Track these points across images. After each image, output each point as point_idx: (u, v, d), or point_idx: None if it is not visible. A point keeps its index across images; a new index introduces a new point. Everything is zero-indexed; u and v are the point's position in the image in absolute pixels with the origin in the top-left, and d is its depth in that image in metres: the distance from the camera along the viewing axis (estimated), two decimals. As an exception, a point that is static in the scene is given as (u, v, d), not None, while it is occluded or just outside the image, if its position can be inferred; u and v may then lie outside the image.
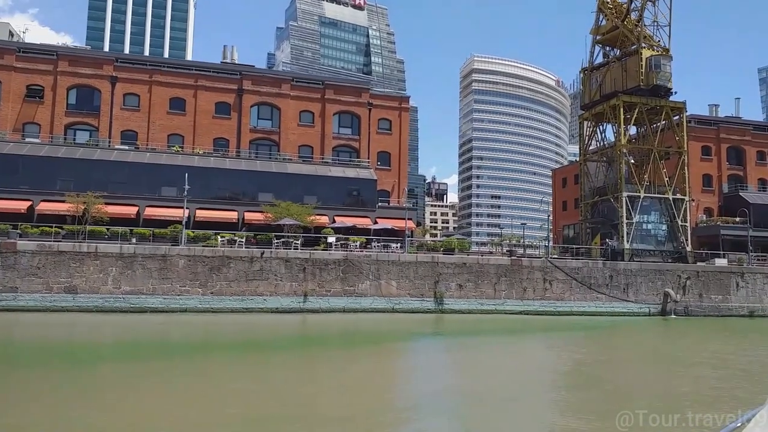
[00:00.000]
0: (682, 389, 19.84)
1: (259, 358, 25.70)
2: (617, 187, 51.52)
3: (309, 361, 25.45)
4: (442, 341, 34.30)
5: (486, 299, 43.26)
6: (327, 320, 38.52)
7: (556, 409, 17.61)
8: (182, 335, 32.80)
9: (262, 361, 24.88)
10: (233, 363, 24.28)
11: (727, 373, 23.08)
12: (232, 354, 26.67)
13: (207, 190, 49.70)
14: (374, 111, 58.81)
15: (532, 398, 19.06)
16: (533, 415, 17.02)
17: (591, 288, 44.97)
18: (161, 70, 54.25)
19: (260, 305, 38.55)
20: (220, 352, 27.07)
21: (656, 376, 23.00)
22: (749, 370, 24.09)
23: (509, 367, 24.89)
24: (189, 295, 37.67)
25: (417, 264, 42.41)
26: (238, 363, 24.29)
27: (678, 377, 22.06)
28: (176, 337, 32.16)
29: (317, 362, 24.94)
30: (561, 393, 20.19)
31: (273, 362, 24.68)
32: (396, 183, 58.85)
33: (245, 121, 55.39)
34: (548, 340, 35.13)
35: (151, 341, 29.91)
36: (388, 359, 26.18)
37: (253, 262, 38.91)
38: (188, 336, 32.56)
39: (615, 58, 54.56)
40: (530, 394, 19.74)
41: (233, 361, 24.78)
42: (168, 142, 53.35)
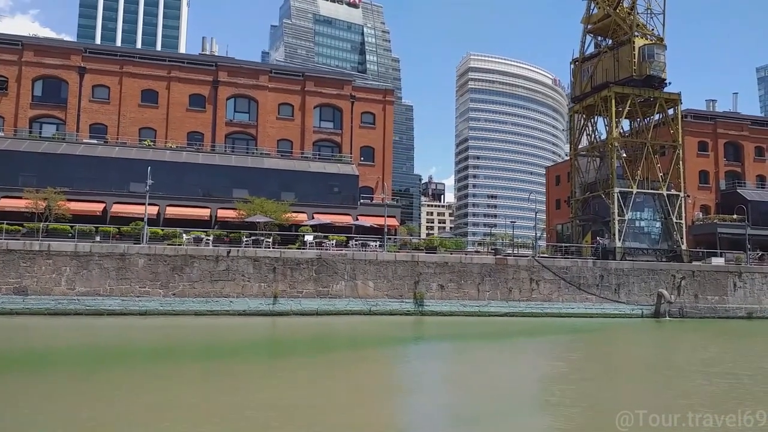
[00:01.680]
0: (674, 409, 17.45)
1: (220, 366, 23.14)
2: (609, 182, 49.14)
3: (276, 370, 22.89)
4: (422, 347, 31.76)
5: (469, 300, 40.89)
6: (298, 323, 36.07)
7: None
8: (140, 340, 30.29)
9: (224, 370, 22.35)
10: (190, 372, 21.89)
11: (727, 385, 20.64)
12: (190, 361, 24.26)
13: (178, 186, 47.43)
14: (357, 104, 56.50)
15: (524, 417, 16.87)
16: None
17: (580, 288, 42.60)
18: (133, 61, 51.90)
19: (226, 307, 36.15)
20: (177, 360, 24.64)
21: (644, 390, 20.57)
22: (752, 386, 21.58)
23: (496, 378, 22.42)
24: (149, 296, 35.25)
25: (396, 263, 40.02)
26: (196, 372, 21.87)
27: (669, 395, 19.57)
28: (133, 342, 29.65)
29: (285, 372, 22.43)
30: (555, 410, 17.98)
31: (236, 372, 22.20)
32: (380, 179, 56.53)
33: (221, 114, 53.05)
34: (534, 345, 32.71)
35: (106, 347, 27.44)
36: (364, 369, 23.63)
37: (219, 262, 36.50)
38: (146, 341, 30.06)
39: (607, 47, 52.13)
40: (522, 411, 17.46)
41: (190, 369, 22.37)
42: (139, 136, 51.03)
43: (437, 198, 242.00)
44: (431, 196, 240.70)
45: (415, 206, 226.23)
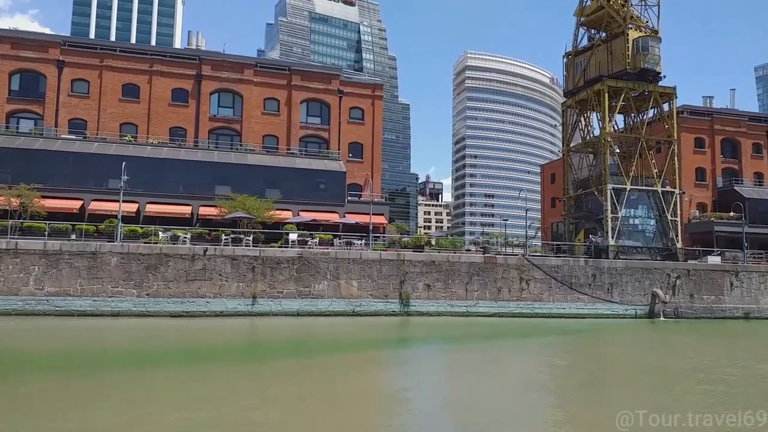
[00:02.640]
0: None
1: (193, 372, 21.69)
2: (602, 179, 47.74)
3: (254, 375, 21.50)
4: (407, 350, 30.29)
5: (457, 300, 39.54)
6: (278, 325, 34.71)
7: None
8: (112, 343, 28.90)
9: (199, 375, 20.96)
10: (162, 378, 20.45)
11: (722, 393, 19.25)
12: (164, 367, 22.81)
13: (159, 183, 46.08)
14: (345, 99, 55.09)
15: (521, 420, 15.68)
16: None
17: (572, 288, 41.26)
18: (113, 55, 50.42)
19: (202, 308, 34.76)
20: (150, 365, 23.21)
21: (637, 396, 19.24)
22: (748, 391, 20.23)
23: (487, 380, 21.13)
24: (122, 296, 33.85)
25: (381, 262, 38.65)
26: (169, 378, 20.43)
27: (664, 399, 18.21)
28: (105, 346, 28.26)
29: (263, 377, 21.03)
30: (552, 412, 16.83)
31: (213, 376, 20.85)
32: (368, 176, 55.11)
33: (204, 109, 51.60)
34: (523, 347, 31.31)
35: (75, 350, 26.01)
36: (345, 375, 22.19)
37: (195, 261, 35.10)
38: (118, 344, 28.66)
39: (600, 40, 50.68)
40: (517, 415, 16.25)
41: (164, 376, 20.92)
42: (120, 132, 49.56)
43: (435, 197, 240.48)
44: (429, 196, 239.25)
45: (411, 205, 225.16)
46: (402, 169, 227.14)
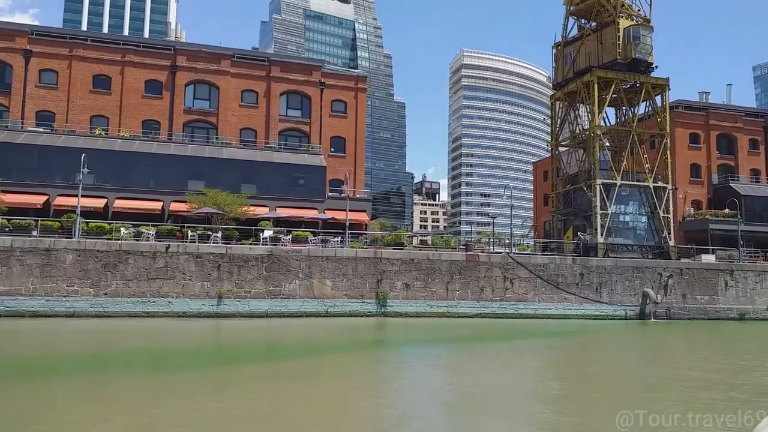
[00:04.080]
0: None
1: (151, 379, 19.65)
2: (591, 174, 45.77)
3: (218, 382, 19.47)
4: (385, 353, 28.20)
5: (437, 300, 37.57)
6: (246, 327, 32.67)
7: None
8: (66, 346, 26.77)
9: (157, 383, 19.02)
10: (115, 386, 18.56)
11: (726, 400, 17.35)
12: (123, 372, 20.85)
13: (128, 178, 44.23)
14: (327, 91, 53.12)
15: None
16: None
17: (558, 287, 39.30)
18: (83, 44, 48.40)
19: (164, 309, 32.74)
20: (108, 370, 21.27)
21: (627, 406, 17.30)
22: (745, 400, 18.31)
23: (476, 389, 19.21)
24: (77, 296, 31.82)
25: (357, 260, 36.65)
26: (122, 386, 18.50)
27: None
28: (53, 348, 26.20)
29: (227, 384, 19.03)
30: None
31: (173, 383, 18.92)
32: (351, 171, 53.13)
33: (179, 101, 49.61)
34: (507, 350, 29.27)
35: (25, 354, 23.99)
36: (317, 380, 20.18)
37: (157, 258, 33.07)
38: (73, 347, 26.55)
39: (590, 30, 48.68)
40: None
41: (116, 383, 19.02)
42: (90, 125, 47.61)
43: (432, 197, 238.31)
44: (426, 195, 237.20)
45: (407, 204, 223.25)
46: (397, 168, 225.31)
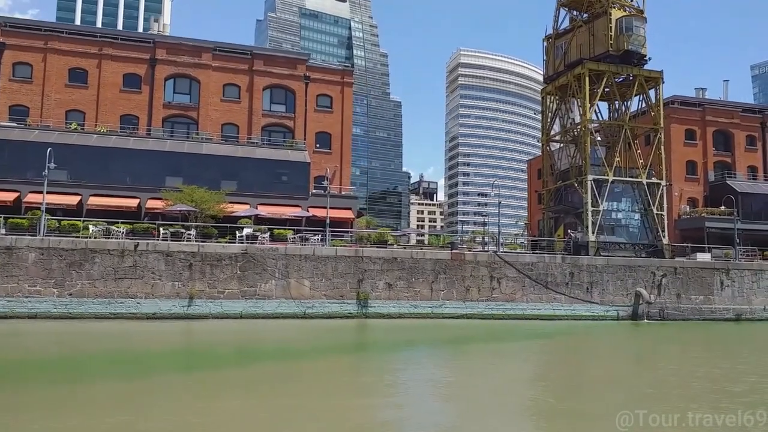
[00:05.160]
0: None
1: (117, 385, 18.20)
2: (582, 170, 44.27)
3: (188, 388, 18.17)
4: (366, 356, 26.70)
5: (421, 300, 36.10)
6: (218, 329, 31.16)
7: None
8: (20, 349, 25.22)
9: (123, 389, 17.61)
10: (74, 393, 17.14)
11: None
12: (76, 377, 19.43)
13: (104, 174, 42.71)
14: (312, 85, 51.59)
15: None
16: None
17: (548, 287, 37.83)
18: (59, 37, 46.88)
19: (132, 310, 31.25)
20: (61, 374, 19.84)
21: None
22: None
23: (468, 388, 17.92)
24: (40, 296, 30.32)
25: (337, 259, 35.17)
26: (83, 393, 17.10)
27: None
28: (10, 352, 24.69)
29: (199, 390, 17.76)
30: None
31: (139, 390, 17.54)
32: (337, 168, 51.64)
33: (158, 95, 48.08)
34: (492, 353, 27.82)
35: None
36: (293, 386, 18.68)
37: (125, 257, 31.57)
38: (34, 350, 25.04)
39: (582, 21, 47.22)
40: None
41: (76, 389, 17.62)
42: (66, 120, 46.07)
43: (430, 197, 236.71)
44: (423, 195, 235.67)
45: (403, 204, 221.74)
46: (393, 168, 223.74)
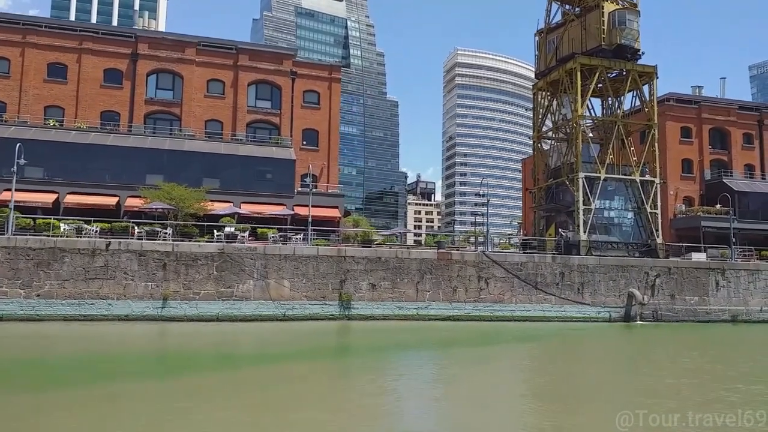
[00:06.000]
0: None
1: (86, 391, 17.00)
2: (574, 167, 43.10)
3: (162, 395, 16.97)
4: (348, 361, 25.41)
5: (406, 302, 34.92)
6: (194, 331, 29.88)
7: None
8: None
9: (92, 395, 16.41)
10: (36, 402, 15.87)
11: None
12: (41, 383, 18.20)
13: (83, 172, 41.57)
14: (299, 81, 50.39)
15: None
16: None
17: (537, 288, 36.66)
18: (37, 31, 45.66)
19: (104, 311, 30.04)
20: (25, 381, 18.61)
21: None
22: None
23: (459, 397, 16.87)
24: (7, 298, 29.12)
25: (318, 259, 33.98)
26: (46, 401, 15.86)
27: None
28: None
29: (172, 397, 16.58)
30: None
31: (110, 396, 16.40)
32: (325, 166, 50.48)
33: (140, 91, 46.87)
34: (483, 356, 26.58)
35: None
36: (271, 393, 17.46)
37: (96, 256, 30.35)
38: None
39: (574, 15, 46.07)
40: None
41: (38, 397, 16.36)
42: (45, 116, 44.85)
43: (428, 197, 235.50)
44: (421, 195, 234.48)
45: (400, 204, 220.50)
46: (390, 168, 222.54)
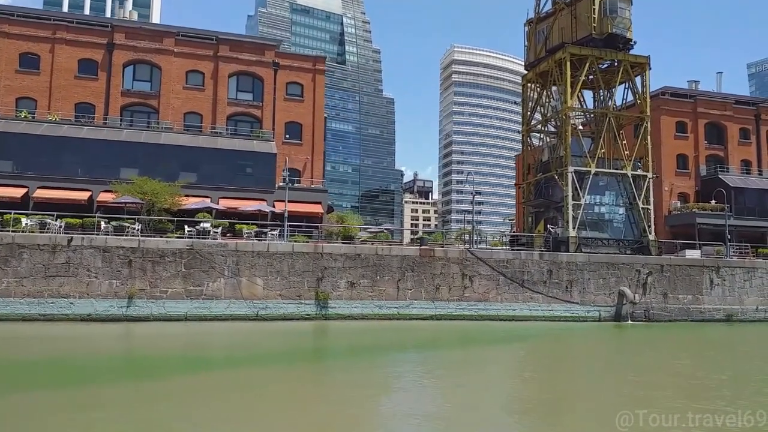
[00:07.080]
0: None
1: (44, 396, 15.65)
2: (563, 161, 41.65)
3: (126, 400, 15.64)
4: (325, 363, 23.93)
5: (386, 300, 33.46)
6: (161, 332, 28.42)
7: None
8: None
9: (51, 399, 15.15)
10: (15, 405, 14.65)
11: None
12: (12, 388, 16.72)
13: (54, 165, 40.12)
14: (281, 73, 48.85)
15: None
16: None
17: (524, 286, 35.19)
18: (9, 20, 44.10)
19: (65, 310, 28.55)
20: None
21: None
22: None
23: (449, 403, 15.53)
24: (-40, 296, 27.58)
25: (294, 255, 32.49)
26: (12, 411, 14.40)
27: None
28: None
29: (138, 402, 15.35)
30: None
31: (70, 402, 15.04)
32: (308, 160, 48.98)
33: (116, 82, 45.29)
34: (461, 363, 25.16)
35: None
36: (243, 398, 16.04)
37: (57, 253, 28.84)
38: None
39: (564, 4, 44.55)
40: None
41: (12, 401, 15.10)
42: (16, 108, 43.28)
43: (425, 195, 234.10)
44: (418, 194, 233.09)
45: (396, 202, 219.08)
46: (386, 165, 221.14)
